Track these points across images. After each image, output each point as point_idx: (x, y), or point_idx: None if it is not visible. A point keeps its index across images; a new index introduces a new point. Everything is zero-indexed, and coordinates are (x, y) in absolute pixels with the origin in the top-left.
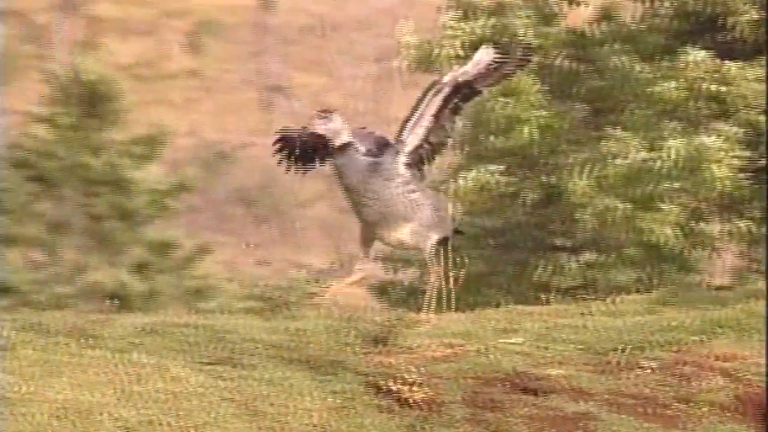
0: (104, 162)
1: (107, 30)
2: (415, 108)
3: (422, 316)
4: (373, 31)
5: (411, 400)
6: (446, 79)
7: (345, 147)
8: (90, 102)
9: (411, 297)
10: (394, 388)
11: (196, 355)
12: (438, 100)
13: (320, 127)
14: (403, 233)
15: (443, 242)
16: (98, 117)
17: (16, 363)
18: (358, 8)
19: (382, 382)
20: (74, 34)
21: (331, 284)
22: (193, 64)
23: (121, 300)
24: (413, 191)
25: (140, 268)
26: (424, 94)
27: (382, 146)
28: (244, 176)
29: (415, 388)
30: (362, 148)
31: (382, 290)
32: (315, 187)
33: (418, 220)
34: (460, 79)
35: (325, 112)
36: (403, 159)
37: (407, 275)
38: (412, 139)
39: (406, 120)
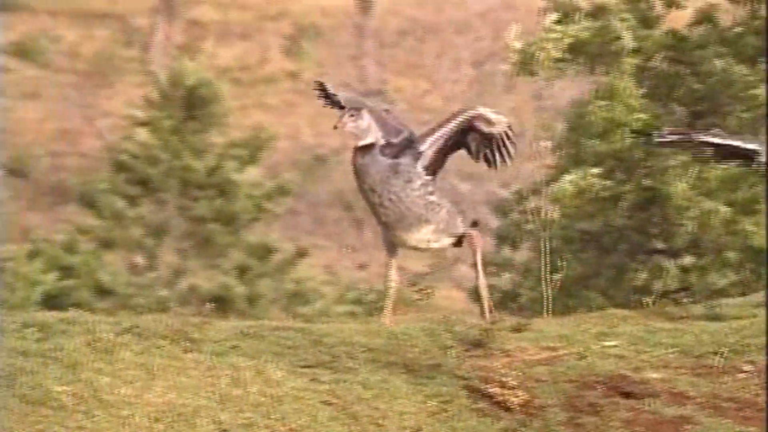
0: (205, 165)
1: (207, 33)
2: (442, 125)
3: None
4: (471, 34)
5: (509, 404)
6: (473, 112)
7: (368, 147)
8: (190, 105)
9: (509, 301)
10: (491, 391)
11: (294, 358)
12: (454, 128)
13: (350, 125)
14: (424, 234)
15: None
16: (198, 120)
17: (116, 366)
18: (456, 11)
19: (480, 386)
20: (174, 37)
21: (431, 287)
22: (291, 68)
23: (222, 303)
24: (431, 192)
25: (241, 272)
26: (454, 117)
27: (401, 141)
28: (341, 180)
29: (512, 392)
30: (382, 141)
31: (479, 294)
32: None
33: (436, 221)
34: (476, 124)
35: (355, 110)
36: (422, 162)
37: (504, 279)
38: (430, 150)
39: (432, 130)
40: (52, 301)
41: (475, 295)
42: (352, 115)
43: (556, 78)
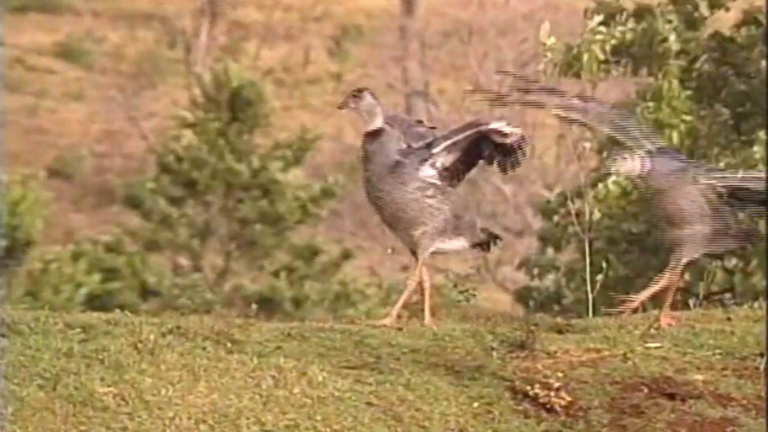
0: (250, 166)
1: (250, 35)
2: (458, 132)
3: (387, 320)
4: (514, 36)
5: (552, 405)
6: (486, 128)
7: (377, 133)
8: (235, 107)
9: (553, 302)
10: (535, 393)
11: (337, 359)
12: (469, 138)
13: (352, 106)
14: (417, 233)
15: (476, 247)
16: (243, 122)
17: (160, 367)
18: (500, 13)
19: (524, 387)
20: (217, 39)
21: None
22: (334, 69)
23: (269, 304)
24: (431, 197)
25: (287, 273)
26: (469, 127)
27: (420, 145)
28: None
29: (556, 393)
30: (395, 140)
31: (524, 295)
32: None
33: (432, 225)
34: (491, 135)
35: (359, 91)
36: (429, 164)
37: (548, 280)
38: (444, 157)
39: (448, 136)
40: (96, 302)
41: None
42: (354, 96)
43: (601, 79)
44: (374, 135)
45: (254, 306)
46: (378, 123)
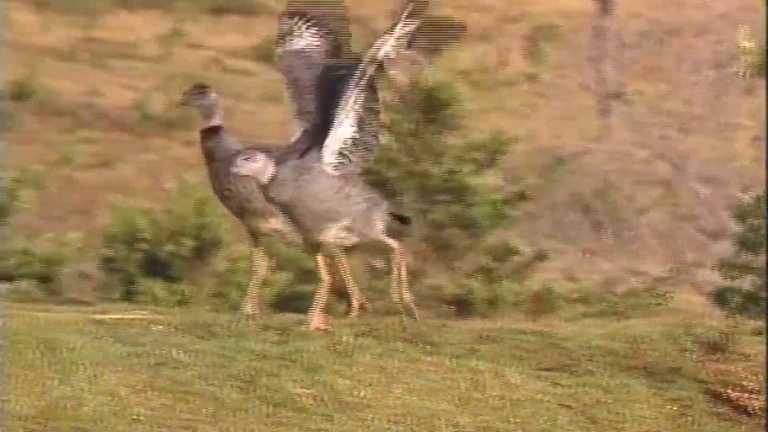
0: (444, 169)
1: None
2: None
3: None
4: (711, 36)
5: (749, 408)
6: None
7: (215, 130)
8: (429, 108)
9: (750, 304)
10: (732, 395)
11: (532, 361)
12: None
13: (193, 104)
14: (273, 224)
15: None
16: (437, 123)
17: (355, 368)
18: (697, 13)
19: (721, 390)
20: None
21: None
22: (530, 70)
23: (463, 306)
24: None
25: (482, 274)
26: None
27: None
28: (580, 183)
29: (754, 396)
30: (231, 139)
31: (720, 297)
32: (652, 193)
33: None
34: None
35: (201, 88)
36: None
37: (747, 282)
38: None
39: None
40: (291, 304)
41: None
42: (198, 93)
43: None
44: (211, 131)
45: (446, 307)
46: (216, 121)
